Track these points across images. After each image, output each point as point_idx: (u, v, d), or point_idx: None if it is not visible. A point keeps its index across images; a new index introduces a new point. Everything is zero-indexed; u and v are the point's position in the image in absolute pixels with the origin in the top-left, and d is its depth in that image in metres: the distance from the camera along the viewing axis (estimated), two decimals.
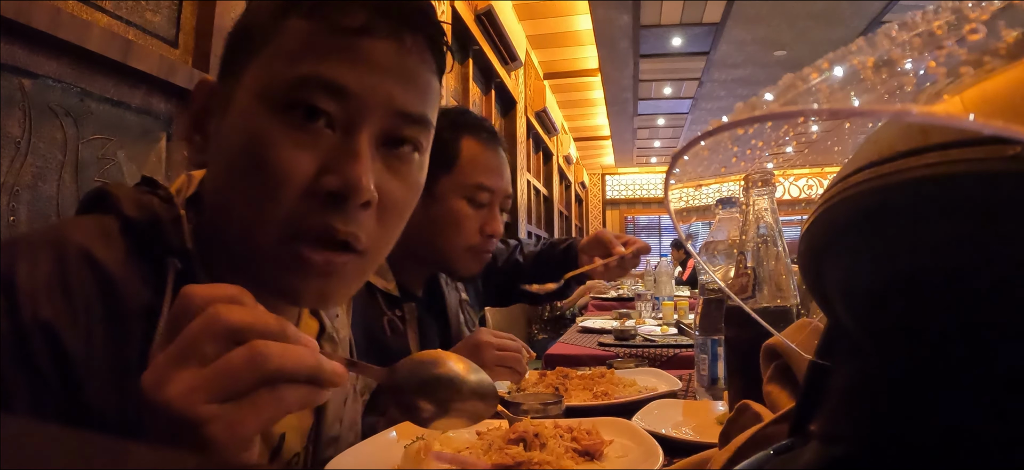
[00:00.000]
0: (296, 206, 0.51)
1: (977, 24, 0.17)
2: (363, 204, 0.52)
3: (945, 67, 0.18)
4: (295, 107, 0.51)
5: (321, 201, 0.51)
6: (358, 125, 0.53)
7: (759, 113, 0.19)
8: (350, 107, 0.52)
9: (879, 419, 0.23)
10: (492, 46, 4.31)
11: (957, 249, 0.19)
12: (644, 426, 0.78)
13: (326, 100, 0.51)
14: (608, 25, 5.12)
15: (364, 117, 0.53)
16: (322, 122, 0.52)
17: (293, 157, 0.51)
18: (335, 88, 0.51)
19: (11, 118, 1.10)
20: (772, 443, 0.31)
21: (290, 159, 0.51)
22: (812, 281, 0.26)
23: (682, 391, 1.11)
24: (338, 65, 0.52)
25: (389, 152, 0.56)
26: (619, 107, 7.63)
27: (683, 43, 5.68)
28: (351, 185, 0.51)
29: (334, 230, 0.52)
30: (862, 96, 0.19)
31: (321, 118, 0.52)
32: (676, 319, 2.18)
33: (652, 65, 6.19)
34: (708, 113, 7.83)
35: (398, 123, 0.55)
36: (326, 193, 0.51)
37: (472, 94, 4.14)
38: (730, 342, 0.81)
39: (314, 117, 0.52)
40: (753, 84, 6.50)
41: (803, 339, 0.48)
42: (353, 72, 0.52)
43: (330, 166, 0.51)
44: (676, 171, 0.24)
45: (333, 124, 0.53)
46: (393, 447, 0.75)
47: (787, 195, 10.58)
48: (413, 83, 0.56)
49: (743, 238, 0.80)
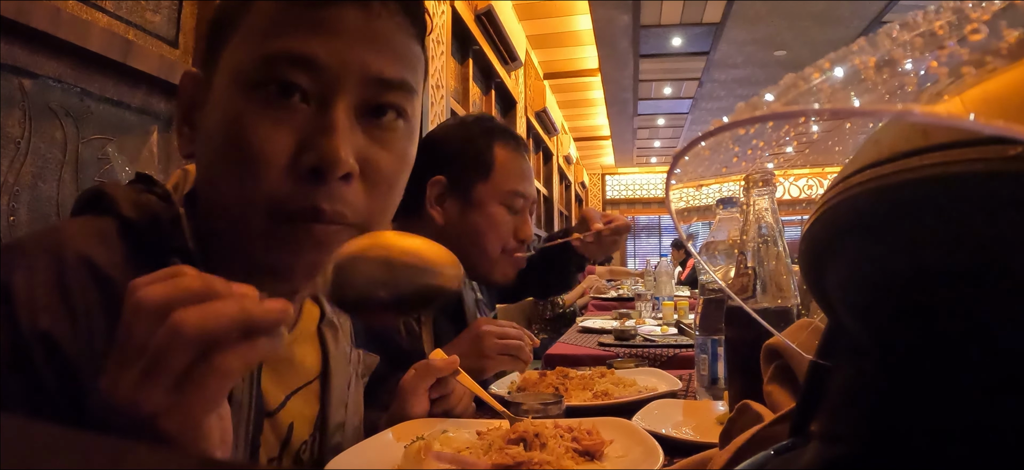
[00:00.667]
0: (279, 184, 0.51)
1: (978, 24, 0.17)
2: (343, 177, 0.51)
3: (946, 67, 0.18)
4: (267, 84, 0.51)
5: (303, 178, 0.51)
6: (333, 96, 0.52)
7: (760, 113, 0.19)
8: (322, 79, 0.52)
9: (879, 419, 0.23)
10: (492, 46, 4.31)
11: (958, 249, 0.19)
12: (644, 426, 0.78)
13: (297, 74, 0.51)
14: (608, 25, 5.12)
15: (338, 88, 0.52)
16: (297, 97, 0.52)
17: (270, 135, 0.50)
18: (304, 60, 0.51)
19: (11, 118, 1.10)
20: (773, 443, 0.31)
21: (267, 138, 0.50)
22: (812, 281, 0.26)
23: (682, 391, 1.11)
24: (306, 37, 0.51)
25: (371, 121, 0.55)
26: (619, 107, 7.63)
27: (683, 43, 5.68)
28: (327, 159, 0.50)
29: (321, 211, 0.51)
30: (863, 96, 0.18)
31: (295, 93, 0.51)
32: (676, 319, 2.18)
33: (652, 65, 6.19)
34: (708, 113, 7.83)
35: (376, 90, 0.54)
36: (306, 169, 0.50)
37: (472, 94, 4.13)
38: (730, 342, 0.81)
39: (288, 93, 0.51)
40: (753, 84, 6.50)
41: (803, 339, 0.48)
42: (321, 42, 0.51)
43: (306, 142, 0.51)
44: (677, 171, 0.24)
45: (308, 98, 0.52)
46: (393, 447, 0.75)
47: (787, 195, 10.58)
48: (387, 47, 0.55)
49: (743, 238, 0.80)
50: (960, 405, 0.20)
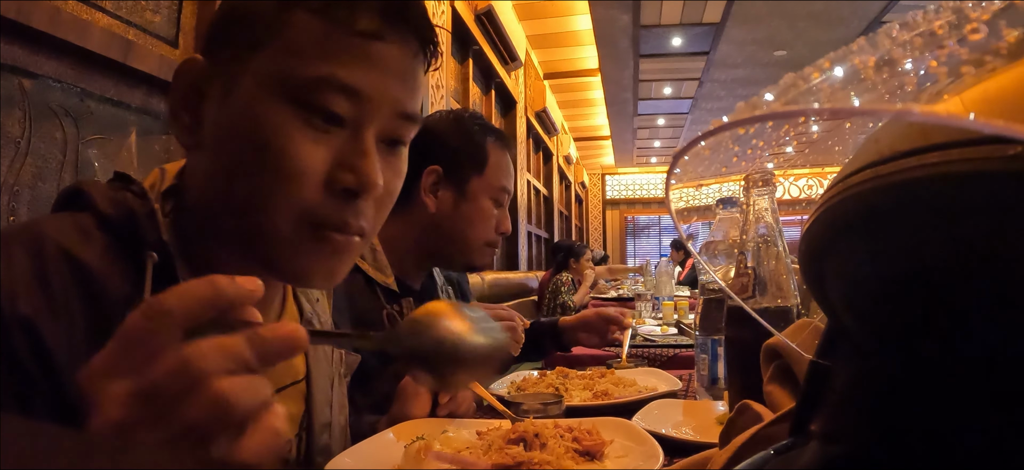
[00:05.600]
0: (314, 197, 0.54)
1: (978, 24, 0.17)
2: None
3: (946, 67, 0.18)
4: (312, 104, 0.54)
5: (338, 195, 0.55)
6: (366, 124, 0.57)
7: (760, 112, 0.19)
8: (361, 108, 0.56)
9: (879, 419, 0.23)
10: (492, 46, 4.31)
11: (957, 249, 0.19)
12: (644, 426, 0.78)
13: (341, 101, 0.55)
14: (608, 25, 5.12)
15: (372, 117, 0.57)
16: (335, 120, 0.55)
17: (309, 152, 0.54)
18: (350, 90, 0.55)
19: (11, 118, 1.10)
20: (772, 443, 0.31)
21: (307, 154, 0.54)
22: (812, 281, 0.26)
23: (682, 391, 1.11)
24: (353, 68, 0.55)
25: (386, 148, 0.60)
26: (619, 107, 7.63)
27: (683, 43, 5.68)
28: (366, 182, 0.55)
29: (347, 224, 0.56)
30: (863, 96, 0.19)
31: (336, 117, 0.55)
32: (676, 319, 2.18)
33: (652, 65, 6.19)
34: (708, 113, 7.83)
35: (398, 123, 0.59)
36: (342, 188, 0.55)
37: (472, 94, 4.13)
38: (730, 342, 0.81)
39: (329, 116, 0.55)
40: (753, 84, 6.50)
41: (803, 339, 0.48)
42: (366, 75, 0.56)
43: (344, 163, 0.55)
44: (677, 171, 0.24)
45: (343, 122, 0.56)
46: (393, 447, 0.75)
47: (787, 195, 10.58)
48: (412, 84, 0.60)
49: (743, 238, 0.80)
50: (960, 405, 0.20)
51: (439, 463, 0.68)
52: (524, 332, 1.33)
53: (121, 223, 0.54)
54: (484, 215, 1.22)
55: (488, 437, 0.74)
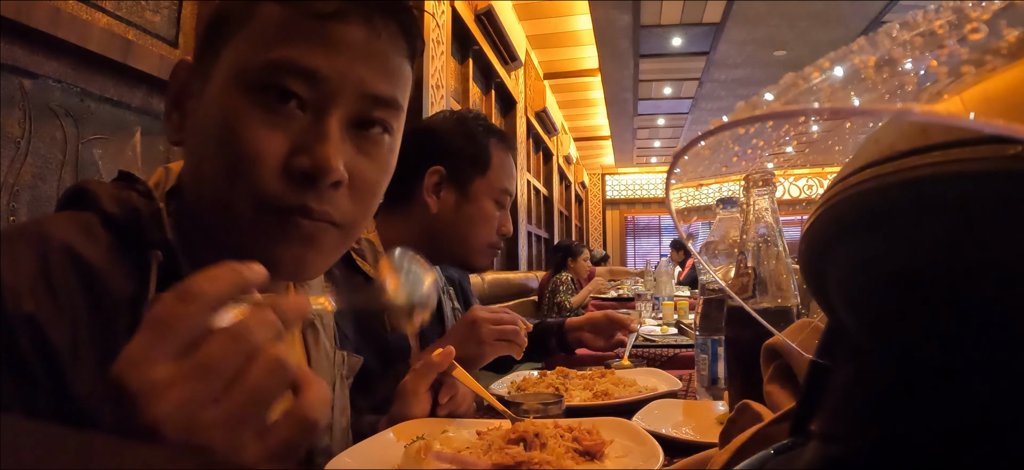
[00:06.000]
0: (271, 182, 0.54)
1: (978, 23, 0.17)
2: (333, 184, 0.55)
3: (946, 66, 0.17)
4: (268, 89, 0.54)
5: (295, 179, 0.54)
6: (328, 107, 0.55)
7: (760, 112, 0.19)
8: (321, 90, 0.55)
9: (879, 419, 0.23)
10: (492, 46, 4.31)
11: (958, 249, 0.19)
12: (644, 426, 0.78)
13: (298, 83, 0.54)
14: (608, 25, 5.12)
15: (334, 100, 0.55)
16: (294, 104, 0.54)
17: (266, 136, 0.53)
18: (307, 72, 0.54)
19: (11, 118, 1.10)
20: (772, 443, 0.31)
21: (263, 138, 0.53)
22: (812, 281, 0.26)
23: (682, 391, 1.11)
24: (310, 50, 0.54)
25: (359, 133, 0.58)
26: (619, 107, 7.63)
27: (683, 43, 5.68)
28: (320, 166, 0.53)
29: (309, 209, 0.55)
30: (863, 95, 0.18)
31: (293, 100, 0.54)
32: (676, 319, 2.18)
33: (652, 65, 6.19)
34: (708, 113, 7.83)
35: (368, 105, 0.58)
36: (298, 172, 0.54)
37: (472, 94, 4.13)
38: (730, 342, 0.81)
39: (286, 99, 0.54)
40: (753, 84, 6.50)
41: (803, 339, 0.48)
42: (324, 57, 0.54)
43: (301, 147, 0.54)
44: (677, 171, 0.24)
45: (304, 106, 0.55)
46: (393, 447, 0.75)
47: (787, 195, 10.57)
48: (383, 66, 0.58)
49: (743, 238, 0.80)
50: (960, 405, 0.20)
51: (439, 463, 0.68)
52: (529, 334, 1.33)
53: (125, 222, 0.54)
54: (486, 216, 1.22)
55: (488, 437, 0.74)
